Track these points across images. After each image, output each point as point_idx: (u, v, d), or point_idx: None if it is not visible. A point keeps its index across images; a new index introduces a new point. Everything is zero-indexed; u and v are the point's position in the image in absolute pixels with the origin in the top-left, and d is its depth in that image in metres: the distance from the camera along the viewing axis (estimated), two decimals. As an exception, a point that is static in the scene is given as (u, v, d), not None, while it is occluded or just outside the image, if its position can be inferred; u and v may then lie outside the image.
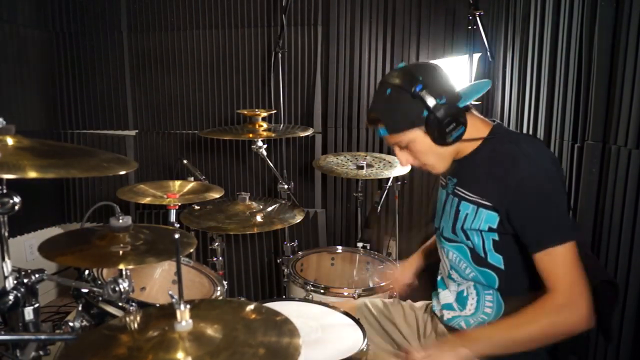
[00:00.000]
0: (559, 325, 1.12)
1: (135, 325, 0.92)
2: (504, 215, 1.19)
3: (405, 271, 1.69)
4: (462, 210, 1.27)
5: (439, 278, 1.47)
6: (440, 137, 1.21)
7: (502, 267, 1.25)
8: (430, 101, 1.18)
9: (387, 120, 1.25)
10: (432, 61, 2.62)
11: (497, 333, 1.18)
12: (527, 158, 1.16)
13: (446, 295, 1.41)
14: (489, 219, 1.21)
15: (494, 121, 1.33)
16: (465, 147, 1.29)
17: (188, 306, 0.83)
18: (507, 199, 1.17)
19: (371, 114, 1.29)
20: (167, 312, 0.89)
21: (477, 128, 1.28)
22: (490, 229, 1.22)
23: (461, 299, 1.36)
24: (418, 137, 1.24)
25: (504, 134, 1.27)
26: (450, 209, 1.32)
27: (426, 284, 1.61)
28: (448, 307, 1.40)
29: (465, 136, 1.23)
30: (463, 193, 1.29)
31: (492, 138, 1.27)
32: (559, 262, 1.12)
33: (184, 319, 0.83)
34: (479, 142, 1.28)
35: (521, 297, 1.24)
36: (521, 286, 1.26)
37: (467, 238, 1.28)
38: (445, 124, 1.19)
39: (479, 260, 1.27)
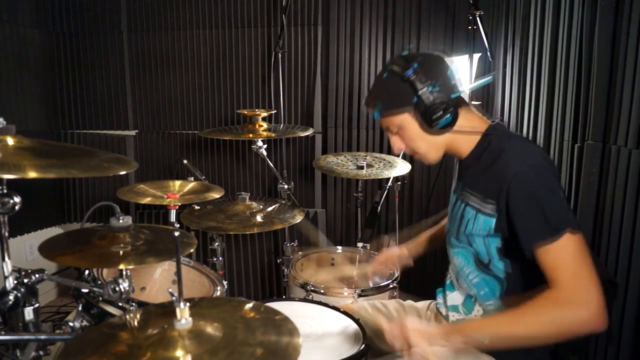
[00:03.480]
0: (562, 322, 1.05)
1: (135, 323, 0.92)
2: (504, 215, 1.17)
3: (404, 252, 1.69)
4: (466, 216, 1.27)
5: (447, 281, 1.46)
6: (426, 122, 1.23)
7: (504, 275, 1.24)
8: (420, 86, 1.21)
9: (380, 103, 1.29)
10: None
11: (496, 325, 1.12)
12: (516, 156, 1.16)
13: (454, 297, 1.40)
14: (485, 223, 1.21)
15: (493, 121, 1.32)
16: (461, 143, 1.29)
17: (188, 304, 0.83)
18: (504, 199, 1.15)
19: (369, 96, 1.33)
20: (167, 310, 0.89)
21: (473, 123, 1.28)
22: (489, 234, 1.22)
23: (468, 304, 1.35)
24: (407, 121, 1.26)
25: (501, 132, 1.27)
26: (456, 214, 1.32)
27: (429, 282, 1.61)
28: (455, 309, 1.39)
29: (458, 128, 1.24)
30: (468, 196, 1.28)
31: (489, 135, 1.26)
32: (557, 255, 1.07)
33: (184, 317, 0.83)
34: (476, 139, 1.27)
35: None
36: (524, 295, 1.22)
37: (470, 244, 1.28)
38: (432, 111, 1.21)
39: (482, 266, 1.27)
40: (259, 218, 2.10)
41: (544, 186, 1.13)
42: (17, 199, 1.02)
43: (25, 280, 1.07)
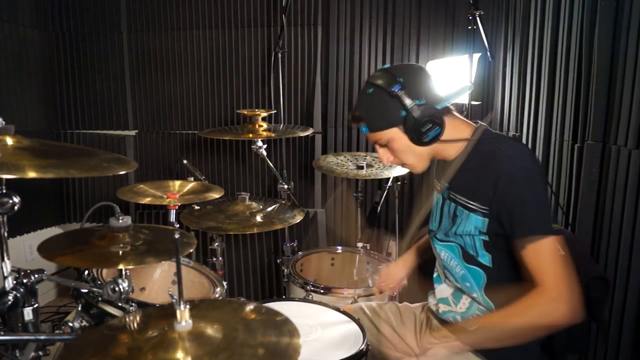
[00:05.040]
0: (547, 317, 1.12)
1: (135, 325, 0.92)
2: (494, 216, 1.21)
3: (399, 268, 1.68)
4: (459, 216, 1.29)
5: (435, 275, 1.48)
6: (416, 136, 1.25)
7: (487, 268, 1.27)
8: (408, 101, 1.22)
9: (368, 119, 1.30)
10: (430, 61, 2.62)
11: (489, 324, 1.21)
12: (508, 158, 1.19)
13: (442, 289, 1.43)
14: (477, 223, 1.24)
15: (476, 122, 1.34)
16: (447, 149, 1.32)
17: (188, 306, 0.83)
18: (495, 200, 1.19)
19: (355, 112, 1.34)
20: (167, 312, 0.89)
21: (458, 129, 1.31)
22: (480, 232, 1.24)
23: (457, 295, 1.38)
24: (396, 136, 1.29)
25: (488, 136, 1.29)
26: (448, 213, 1.34)
27: (423, 285, 1.61)
28: (444, 301, 1.41)
29: (445, 137, 1.27)
30: (457, 198, 1.30)
31: (475, 140, 1.28)
32: (544, 255, 1.13)
33: (184, 319, 0.83)
34: (462, 144, 1.30)
35: (507, 295, 1.25)
36: (506, 285, 1.26)
37: (460, 238, 1.31)
38: (421, 124, 1.23)
39: (469, 258, 1.29)
40: (258, 218, 2.10)
41: (531, 190, 1.17)
42: (16, 199, 1.02)
43: (25, 281, 1.07)
